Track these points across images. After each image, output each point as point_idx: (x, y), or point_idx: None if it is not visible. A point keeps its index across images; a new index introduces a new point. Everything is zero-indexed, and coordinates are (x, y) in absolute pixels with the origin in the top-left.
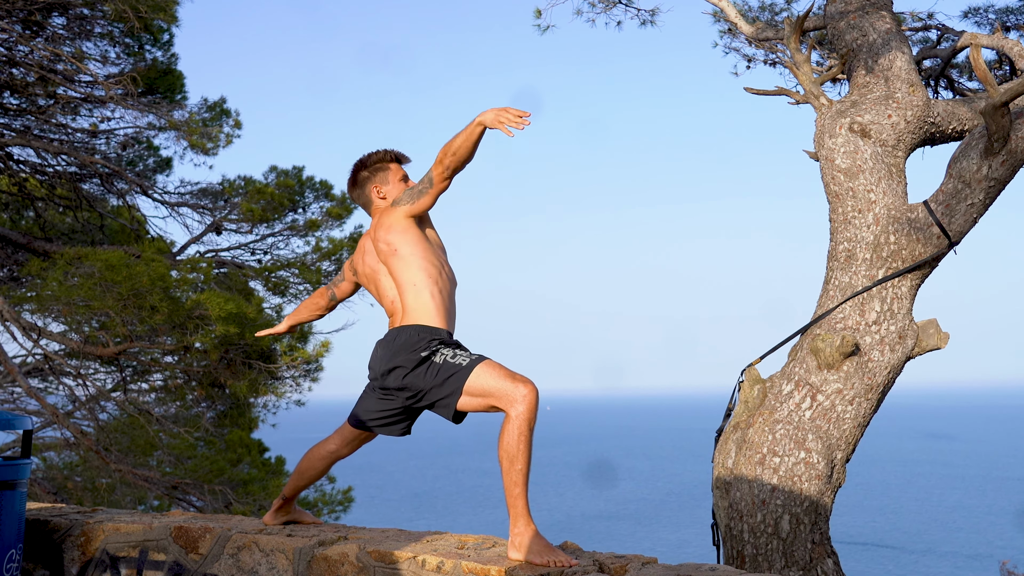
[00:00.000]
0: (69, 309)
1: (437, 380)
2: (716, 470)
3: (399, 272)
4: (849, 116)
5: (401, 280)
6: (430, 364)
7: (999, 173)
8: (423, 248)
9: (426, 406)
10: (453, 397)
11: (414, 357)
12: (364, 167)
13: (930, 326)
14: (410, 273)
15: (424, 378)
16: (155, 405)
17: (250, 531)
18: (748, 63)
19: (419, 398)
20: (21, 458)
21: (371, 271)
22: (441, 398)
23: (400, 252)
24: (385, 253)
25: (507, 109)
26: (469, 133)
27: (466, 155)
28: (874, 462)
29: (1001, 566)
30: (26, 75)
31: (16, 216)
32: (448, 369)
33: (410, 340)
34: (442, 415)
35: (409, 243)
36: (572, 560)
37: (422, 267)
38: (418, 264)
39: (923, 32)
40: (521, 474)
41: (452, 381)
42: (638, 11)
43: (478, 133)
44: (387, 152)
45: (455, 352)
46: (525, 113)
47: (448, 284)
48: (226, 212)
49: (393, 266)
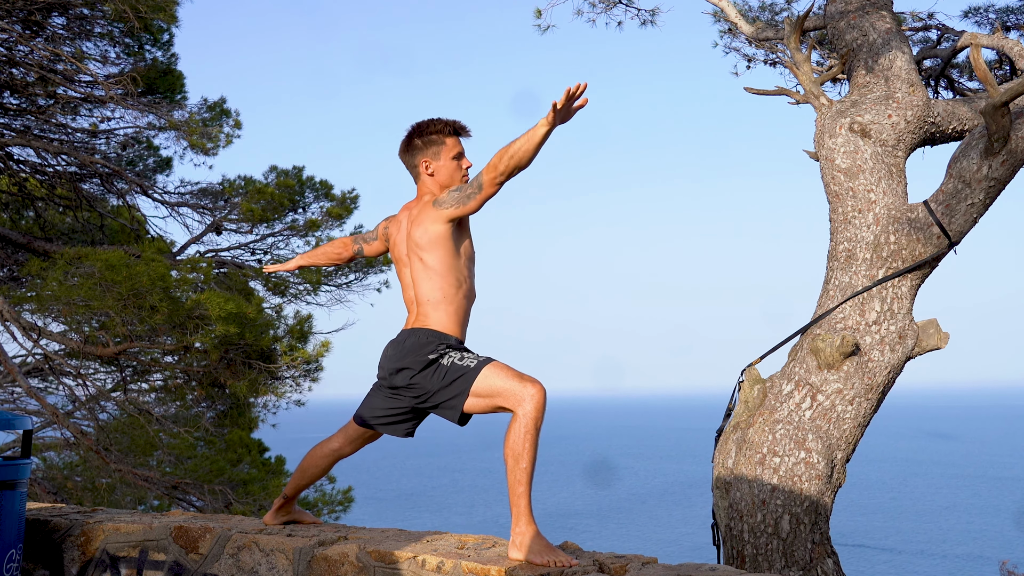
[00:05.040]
0: (69, 309)
1: (444, 382)
2: (716, 470)
3: (420, 280)
4: (849, 116)
5: (420, 289)
6: (438, 366)
7: (999, 173)
8: (449, 264)
9: (432, 407)
10: (460, 398)
11: (422, 359)
12: (418, 135)
13: (930, 326)
14: (430, 285)
15: (431, 380)
16: (155, 405)
17: (250, 531)
18: (748, 63)
19: (425, 399)
20: (21, 458)
21: (400, 255)
22: (448, 399)
23: (426, 261)
24: (414, 250)
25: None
26: (531, 136)
27: (525, 159)
28: (874, 462)
29: (1001, 566)
30: (26, 75)
31: (16, 216)
32: (455, 371)
33: (419, 343)
34: (448, 417)
35: (438, 257)
36: (572, 560)
37: (442, 285)
38: (440, 281)
39: (923, 32)
40: (525, 473)
41: (459, 383)
42: (638, 11)
43: (541, 135)
44: (446, 124)
45: (463, 355)
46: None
47: (465, 302)
48: (226, 212)
49: (416, 270)
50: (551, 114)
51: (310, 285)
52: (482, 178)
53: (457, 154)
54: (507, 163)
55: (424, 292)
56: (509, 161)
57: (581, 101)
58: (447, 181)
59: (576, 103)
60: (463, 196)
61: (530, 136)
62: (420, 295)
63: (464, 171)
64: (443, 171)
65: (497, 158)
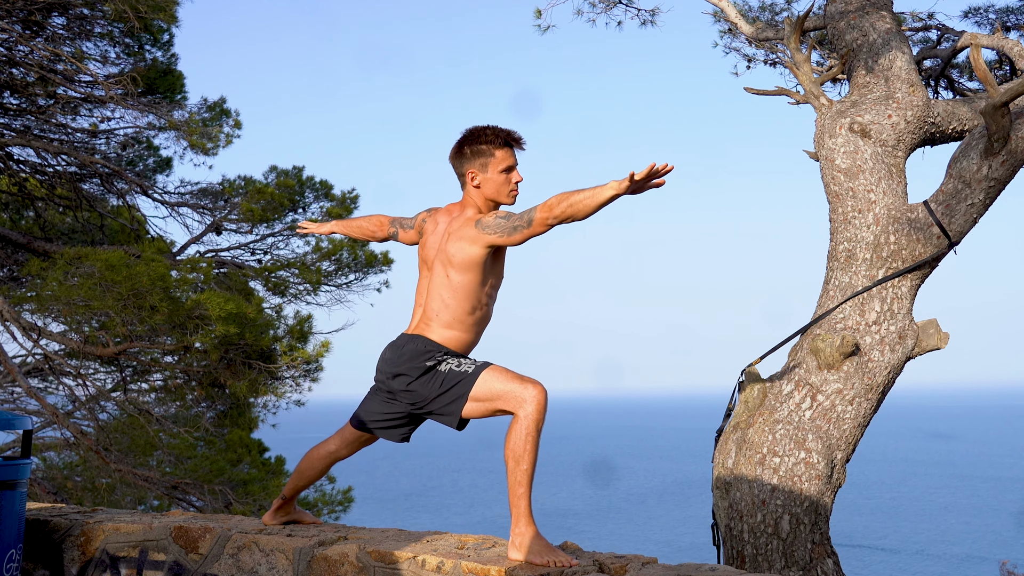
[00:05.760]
0: (69, 309)
1: (442, 389)
2: (716, 470)
3: (437, 293)
4: (849, 116)
5: (432, 302)
6: (435, 373)
7: (999, 173)
8: (472, 288)
9: (429, 414)
10: (458, 403)
11: (419, 366)
12: (468, 143)
13: (930, 326)
14: (443, 304)
15: (428, 387)
16: (155, 405)
17: (250, 531)
18: (748, 63)
19: (423, 406)
20: (21, 458)
21: (427, 256)
22: (445, 405)
23: (451, 277)
24: (443, 261)
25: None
26: (596, 194)
27: (582, 213)
28: (874, 462)
29: (1001, 566)
30: (26, 75)
31: (16, 216)
32: (453, 378)
33: (417, 350)
34: (446, 423)
35: (465, 279)
36: (572, 560)
37: (456, 307)
38: (455, 303)
39: (923, 32)
40: (526, 475)
41: (457, 388)
42: (638, 11)
43: (607, 197)
44: (498, 134)
45: (460, 361)
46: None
47: (476, 327)
48: (226, 212)
49: (437, 281)
50: (626, 182)
51: (310, 285)
52: (534, 215)
53: (507, 167)
54: (564, 209)
55: (435, 307)
56: (567, 208)
57: (659, 180)
58: (494, 195)
59: (654, 180)
60: (509, 226)
61: (595, 194)
62: (430, 308)
63: (513, 185)
64: (490, 185)
65: (556, 200)
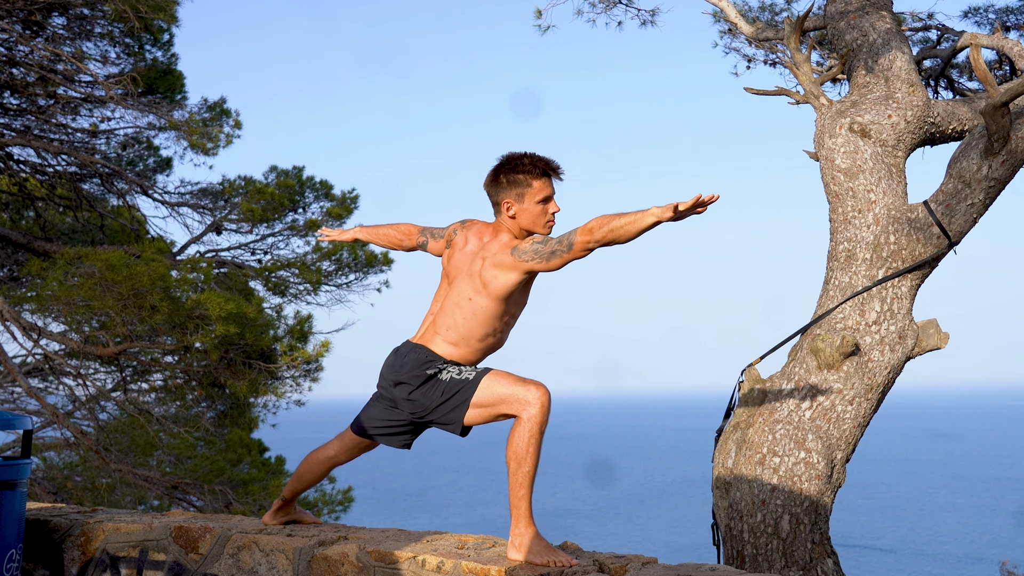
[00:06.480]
0: (69, 309)
1: (443, 397)
2: (716, 470)
3: (453, 310)
4: (849, 116)
5: (445, 318)
6: (436, 382)
7: (999, 173)
8: (493, 315)
9: (431, 422)
10: (460, 411)
11: (420, 375)
12: (505, 172)
13: (930, 326)
14: (454, 323)
15: (430, 395)
16: (155, 405)
17: (250, 531)
18: (748, 63)
19: (424, 415)
20: (21, 458)
21: (451, 270)
22: (448, 413)
23: (474, 300)
24: (469, 281)
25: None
26: (638, 219)
27: (623, 238)
28: (874, 462)
29: (1001, 566)
30: (26, 75)
31: (16, 216)
32: (455, 385)
33: (419, 359)
34: (449, 431)
35: (490, 305)
36: (572, 560)
37: (467, 329)
38: (467, 324)
39: (923, 32)
40: (527, 476)
41: (459, 396)
42: (638, 11)
43: (649, 223)
44: (536, 164)
45: (461, 369)
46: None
47: (484, 352)
48: (226, 212)
49: (457, 299)
50: (670, 211)
51: (310, 285)
52: (574, 238)
53: (544, 198)
54: (605, 234)
55: (446, 322)
56: (608, 234)
57: (701, 209)
58: (529, 226)
59: (697, 210)
60: (547, 252)
61: (637, 219)
62: (440, 321)
63: (550, 216)
64: (526, 215)
65: (597, 224)
